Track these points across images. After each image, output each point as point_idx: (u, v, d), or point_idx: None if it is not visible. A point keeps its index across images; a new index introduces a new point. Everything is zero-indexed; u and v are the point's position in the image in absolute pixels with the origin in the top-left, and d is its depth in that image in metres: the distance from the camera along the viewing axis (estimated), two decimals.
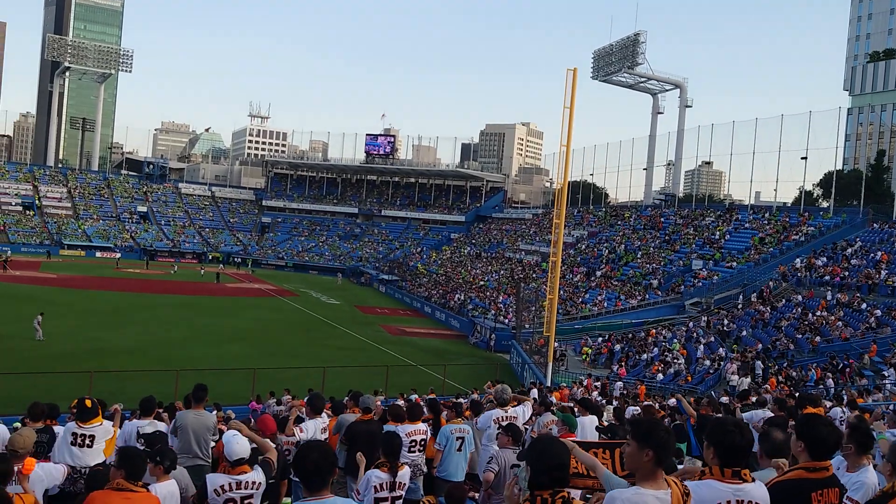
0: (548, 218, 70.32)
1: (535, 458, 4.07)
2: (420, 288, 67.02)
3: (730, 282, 46.51)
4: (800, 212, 54.29)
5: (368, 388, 21.21)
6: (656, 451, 3.83)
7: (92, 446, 7.66)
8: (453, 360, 37.68)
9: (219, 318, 46.92)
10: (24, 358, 29.92)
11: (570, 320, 46.29)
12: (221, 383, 25.09)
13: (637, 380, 31.50)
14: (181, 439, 8.55)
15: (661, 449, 3.84)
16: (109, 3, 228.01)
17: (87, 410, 7.76)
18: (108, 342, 35.55)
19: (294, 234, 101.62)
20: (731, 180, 68.70)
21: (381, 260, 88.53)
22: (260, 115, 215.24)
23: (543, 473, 4.00)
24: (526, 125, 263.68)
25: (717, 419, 4.37)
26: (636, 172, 79.10)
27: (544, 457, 4.04)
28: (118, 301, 50.36)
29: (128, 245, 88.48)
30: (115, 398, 18.41)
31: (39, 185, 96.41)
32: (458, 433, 8.62)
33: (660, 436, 3.86)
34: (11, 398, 20.30)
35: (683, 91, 78.60)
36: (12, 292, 49.99)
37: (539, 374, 32.18)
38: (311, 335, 43.67)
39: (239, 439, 5.94)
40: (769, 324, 36.73)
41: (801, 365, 29.81)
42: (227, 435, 6.13)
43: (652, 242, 60.11)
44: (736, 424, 4.08)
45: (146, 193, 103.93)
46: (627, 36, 77.58)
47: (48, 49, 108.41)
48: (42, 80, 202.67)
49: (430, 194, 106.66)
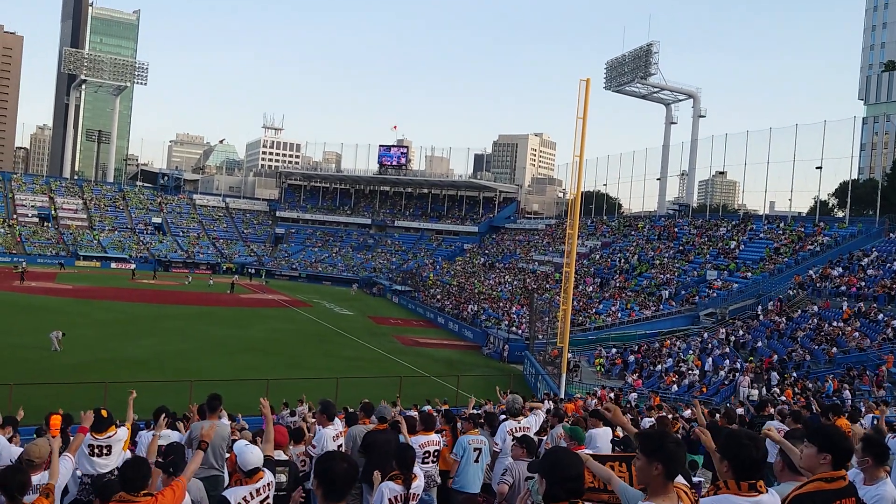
0: (561, 228, 70.20)
1: (548, 470, 3.99)
2: (433, 299, 67.00)
3: (745, 292, 46.26)
4: (815, 221, 53.96)
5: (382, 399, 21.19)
6: (665, 464, 3.78)
7: (110, 454, 7.72)
8: (467, 371, 37.59)
9: (233, 328, 47.04)
10: (39, 368, 30.10)
11: (584, 331, 46.15)
12: (235, 394, 25.14)
13: (651, 391, 31.31)
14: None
15: (670, 462, 3.79)
16: (125, 17, 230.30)
17: (102, 421, 7.79)
18: (122, 353, 35.70)
19: (307, 244, 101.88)
20: (746, 190, 68.57)
21: (395, 271, 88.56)
22: (274, 127, 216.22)
23: (558, 485, 3.91)
24: (539, 136, 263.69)
25: (730, 432, 4.30)
26: (650, 182, 79.06)
27: (558, 468, 3.96)
28: (133, 312, 50.59)
29: (143, 256, 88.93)
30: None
31: (55, 197, 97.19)
32: (475, 444, 8.59)
33: (669, 448, 3.81)
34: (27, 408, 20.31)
35: (697, 101, 78.46)
36: (29, 303, 50.33)
37: (553, 384, 32.08)
38: (324, 346, 43.70)
39: (252, 448, 5.95)
40: (785, 334, 36.47)
41: (818, 376, 29.57)
42: (238, 445, 6.13)
43: (666, 253, 59.88)
44: (750, 437, 4.00)
45: (161, 205, 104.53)
46: (640, 46, 77.62)
47: (65, 62, 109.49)
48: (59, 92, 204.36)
49: (443, 205, 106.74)
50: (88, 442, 7.75)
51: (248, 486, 5.79)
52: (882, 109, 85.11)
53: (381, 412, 9.03)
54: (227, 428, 9.31)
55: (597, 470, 4.84)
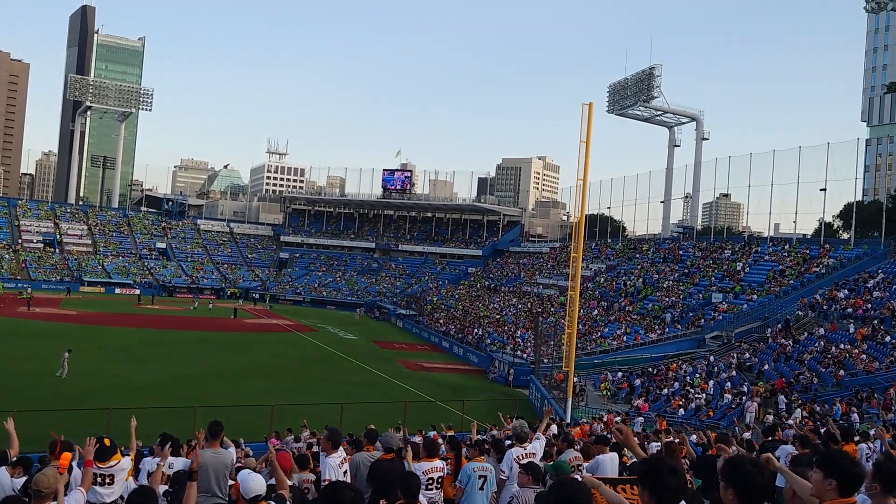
0: (565, 251, 70.15)
1: (554, 501, 3.95)
2: (438, 322, 66.85)
3: (750, 315, 46.07)
4: (820, 244, 53.85)
5: (386, 424, 21.08)
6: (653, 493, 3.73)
7: (113, 483, 7.65)
8: (472, 396, 37.39)
9: (237, 353, 46.95)
10: (43, 395, 29.99)
11: (589, 355, 45.95)
12: (239, 419, 25.03)
13: (658, 415, 31.09)
14: (200, 478, 8.45)
15: (661, 491, 3.73)
16: (130, 44, 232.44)
17: (105, 450, 7.73)
18: (126, 379, 35.61)
19: (312, 269, 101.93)
20: (750, 212, 67.97)
21: (399, 294, 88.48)
22: (278, 152, 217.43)
23: None
24: (542, 159, 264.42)
25: (733, 458, 4.23)
26: (653, 205, 79.04)
27: (566, 499, 3.92)
28: (137, 337, 50.55)
29: (147, 281, 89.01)
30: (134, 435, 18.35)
31: (60, 223, 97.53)
32: (480, 471, 8.48)
33: (660, 478, 3.76)
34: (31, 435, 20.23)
35: (700, 124, 78.63)
36: (34, 329, 50.35)
37: (559, 409, 31.87)
38: (328, 371, 43.57)
39: (255, 476, 5.89)
40: (791, 357, 36.26)
41: (825, 399, 29.34)
42: (242, 473, 6.06)
43: (671, 275, 59.75)
44: (754, 463, 3.93)
45: (165, 230, 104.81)
46: (642, 70, 77.92)
47: (70, 89, 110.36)
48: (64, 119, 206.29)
49: (447, 229, 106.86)
50: (92, 469, 7.69)
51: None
52: (885, 131, 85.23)
53: (388, 441, 8.94)
54: (230, 455, 9.21)
55: (608, 496, 4.78)
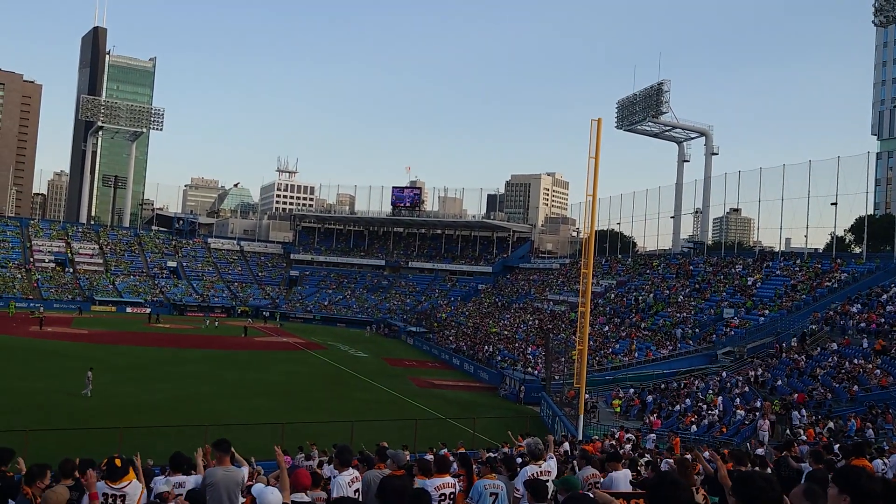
0: (575, 268, 70.05)
1: None
2: (448, 340, 66.73)
3: (763, 330, 45.81)
4: (832, 258, 53.59)
5: (397, 442, 20.98)
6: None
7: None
8: (483, 413, 37.27)
9: (247, 372, 46.95)
10: (55, 413, 30.09)
11: (601, 371, 45.74)
12: (250, 438, 24.98)
13: (671, 431, 30.90)
14: (211, 496, 8.43)
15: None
16: (141, 64, 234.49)
17: (116, 470, 7.68)
18: (137, 398, 35.65)
19: (322, 286, 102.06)
20: (761, 227, 67.72)
21: (409, 312, 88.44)
22: (287, 170, 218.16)
23: None
24: (551, 175, 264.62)
25: (743, 474, 4.18)
26: (664, 220, 78.91)
27: None
28: (148, 356, 50.63)
29: (158, 300, 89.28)
30: (145, 454, 18.36)
31: (72, 242, 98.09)
32: (491, 489, 8.43)
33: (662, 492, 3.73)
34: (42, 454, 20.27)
35: (709, 139, 78.64)
36: (45, 348, 50.51)
37: (570, 426, 31.71)
38: (339, 388, 43.49)
39: (271, 489, 5.85)
40: (805, 372, 35.99)
41: (840, 415, 29.09)
42: (257, 487, 6.03)
43: (682, 291, 59.53)
44: (765, 479, 3.89)
45: (176, 249, 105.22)
46: (651, 85, 78.13)
47: (82, 109, 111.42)
48: (76, 139, 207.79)
49: (456, 245, 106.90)
50: (103, 490, 7.64)
51: None
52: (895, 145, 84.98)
53: (398, 458, 8.90)
54: (241, 473, 9.18)
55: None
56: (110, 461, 7.85)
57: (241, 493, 8.77)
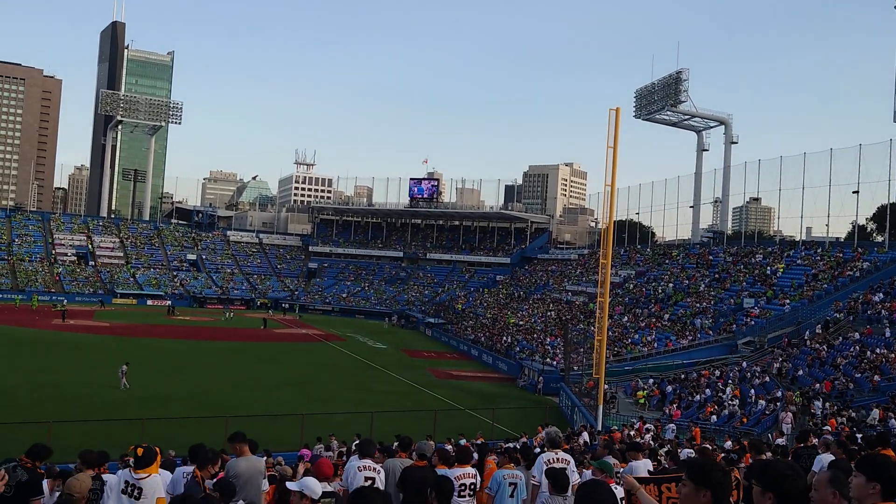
0: (594, 258, 69.83)
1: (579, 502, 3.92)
2: (467, 331, 66.79)
3: (783, 320, 45.47)
4: (854, 247, 53.07)
5: (417, 433, 21.05)
6: (714, 491, 3.68)
7: (139, 499, 7.53)
8: (502, 404, 37.30)
9: (267, 363, 47.21)
10: (78, 405, 30.38)
11: (620, 361, 45.61)
12: (270, 429, 25.17)
13: (691, 422, 30.80)
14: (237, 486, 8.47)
15: (718, 489, 3.68)
16: (160, 58, 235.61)
17: (138, 459, 7.71)
18: (159, 389, 35.95)
19: (340, 278, 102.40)
20: (781, 216, 67.20)
21: (427, 303, 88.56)
22: (306, 163, 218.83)
23: None
24: (569, 165, 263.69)
25: (768, 462, 4.15)
26: (682, 210, 78.38)
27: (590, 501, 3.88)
28: (169, 348, 51.03)
29: (178, 293, 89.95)
30: (167, 445, 18.53)
31: (93, 236, 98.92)
32: (510, 479, 8.45)
33: (717, 477, 3.69)
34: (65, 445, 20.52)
35: (728, 127, 78.01)
36: (68, 341, 51.03)
37: (589, 417, 31.68)
38: (358, 380, 43.65)
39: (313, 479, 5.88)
40: (826, 362, 35.71)
41: (862, 405, 28.85)
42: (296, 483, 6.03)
43: (701, 281, 59.20)
44: (791, 467, 3.87)
45: (195, 242, 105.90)
46: (669, 74, 77.53)
47: (102, 104, 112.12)
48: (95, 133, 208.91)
49: (474, 237, 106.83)
50: (125, 478, 7.66)
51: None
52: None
53: (422, 449, 8.94)
54: (262, 463, 9.26)
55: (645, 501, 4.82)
56: (134, 451, 7.90)
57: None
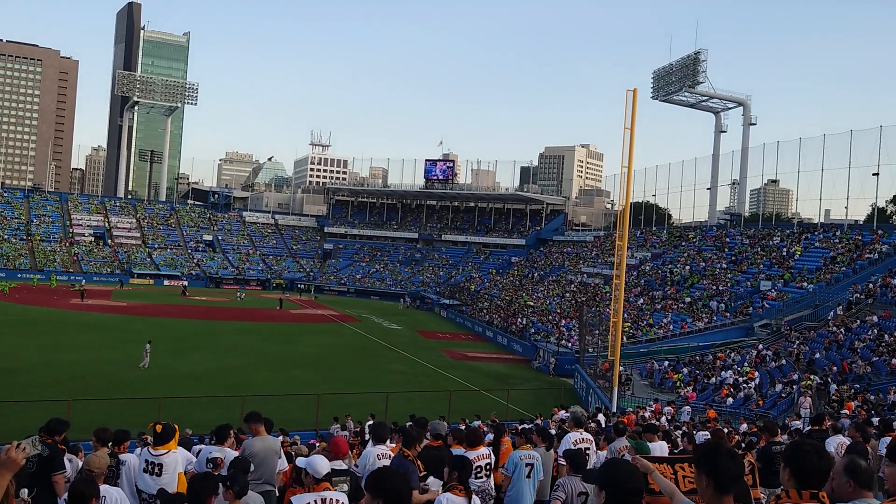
0: (610, 240, 69.57)
1: (607, 481, 3.89)
2: (482, 312, 66.80)
3: (801, 302, 45.19)
4: (873, 229, 52.52)
5: (431, 413, 21.10)
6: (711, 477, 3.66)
7: (160, 475, 7.58)
8: (516, 385, 37.36)
9: (283, 344, 47.42)
10: (94, 384, 30.66)
11: (635, 343, 45.52)
12: (286, 409, 25.33)
13: (706, 404, 30.70)
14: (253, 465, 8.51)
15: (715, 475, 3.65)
16: (176, 39, 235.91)
17: (157, 436, 7.77)
18: (175, 369, 36.20)
19: (355, 259, 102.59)
20: (799, 198, 66.58)
21: (442, 284, 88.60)
22: (321, 144, 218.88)
23: (616, 496, 3.82)
24: (585, 147, 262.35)
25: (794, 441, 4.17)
26: (699, 192, 77.84)
27: (618, 479, 3.85)
28: (185, 328, 51.34)
29: (194, 273, 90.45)
30: (183, 424, 18.67)
31: (110, 216, 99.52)
32: (527, 459, 8.43)
33: (718, 462, 3.67)
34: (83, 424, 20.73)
35: (747, 109, 77.14)
36: (86, 320, 51.45)
37: (604, 398, 31.67)
38: (373, 360, 43.78)
39: (321, 457, 5.85)
40: (844, 346, 35.46)
41: (879, 388, 28.65)
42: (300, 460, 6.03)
43: (718, 263, 58.86)
44: (813, 446, 3.89)
45: (212, 222, 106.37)
46: (688, 55, 76.66)
47: (118, 85, 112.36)
48: (112, 114, 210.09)
49: (489, 218, 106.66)
50: (146, 457, 7.73)
51: (316, 493, 5.58)
52: None
53: (436, 428, 8.95)
54: (277, 443, 9.29)
55: (662, 484, 4.78)
56: (153, 428, 7.95)
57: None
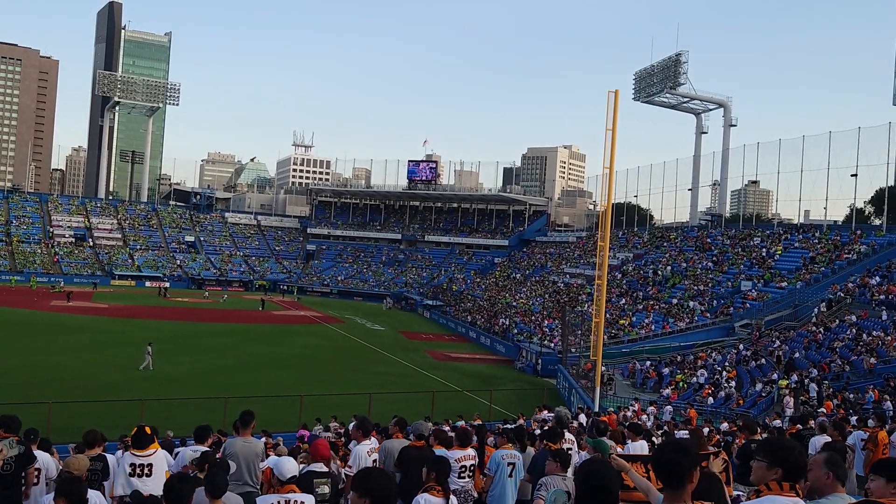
0: (592, 241, 69.84)
1: (579, 480, 3.98)
2: (465, 313, 66.90)
3: (780, 302, 45.60)
4: (851, 230, 53.09)
5: (414, 415, 21.15)
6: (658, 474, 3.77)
7: (151, 475, 7.58)
8: (499, 386, 37.46)
9: (266, 345, 47.30)
10: (75, 387, 30.46)
11: (617, 344, 45.75)
12: (269, 410, 25.26)
13: (687, 403, 30.95)
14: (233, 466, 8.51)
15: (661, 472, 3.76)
16: (157, 39, 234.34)
17: (145, 437, 7.74)
18: (157, 370, 35.99)
19: (338, 260, 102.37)
20: (779, 199, 67.14)
21: (425, 285, 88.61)
22: (304, 144, 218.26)
23: (588, 495, 3.90)
24: (568, 148, 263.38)
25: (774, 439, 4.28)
26: (681, 193, 78.24)
27: (589, 478, 3.94)
28: (167, 330, 50.99)
29: (176, 274, 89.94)
30: (166, 426, 18.63)
31: (91, 217, 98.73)
32: (509, 458, 8.50)
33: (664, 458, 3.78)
34: (63, 427, 20.62)
35: (727, 110, 77.73)
36: (66, 322, 51.06)
37: (586, 398, 31.81)
38: (356, 361, 43.75)
39: (286, 458, 5.95)
40: (823, 345, 35.83)
41: (858, 387, 28.99)
42: (271, 459, 6.13)
43: (699, 263, 59.26)
44: (796, 443, 4.06)
45: (193, 223, 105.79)
46: (669, 56, 77.14)
47: (99, 85, 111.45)
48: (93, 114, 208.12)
49: (472, 219, 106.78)
50: (130, 461, 7.68)
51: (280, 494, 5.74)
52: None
53: (419, 428, 8.98)
54: (260, 444, 9.31)
55: (637, 481, 4.86)
56: (140, 429, 7.90)
57: None
